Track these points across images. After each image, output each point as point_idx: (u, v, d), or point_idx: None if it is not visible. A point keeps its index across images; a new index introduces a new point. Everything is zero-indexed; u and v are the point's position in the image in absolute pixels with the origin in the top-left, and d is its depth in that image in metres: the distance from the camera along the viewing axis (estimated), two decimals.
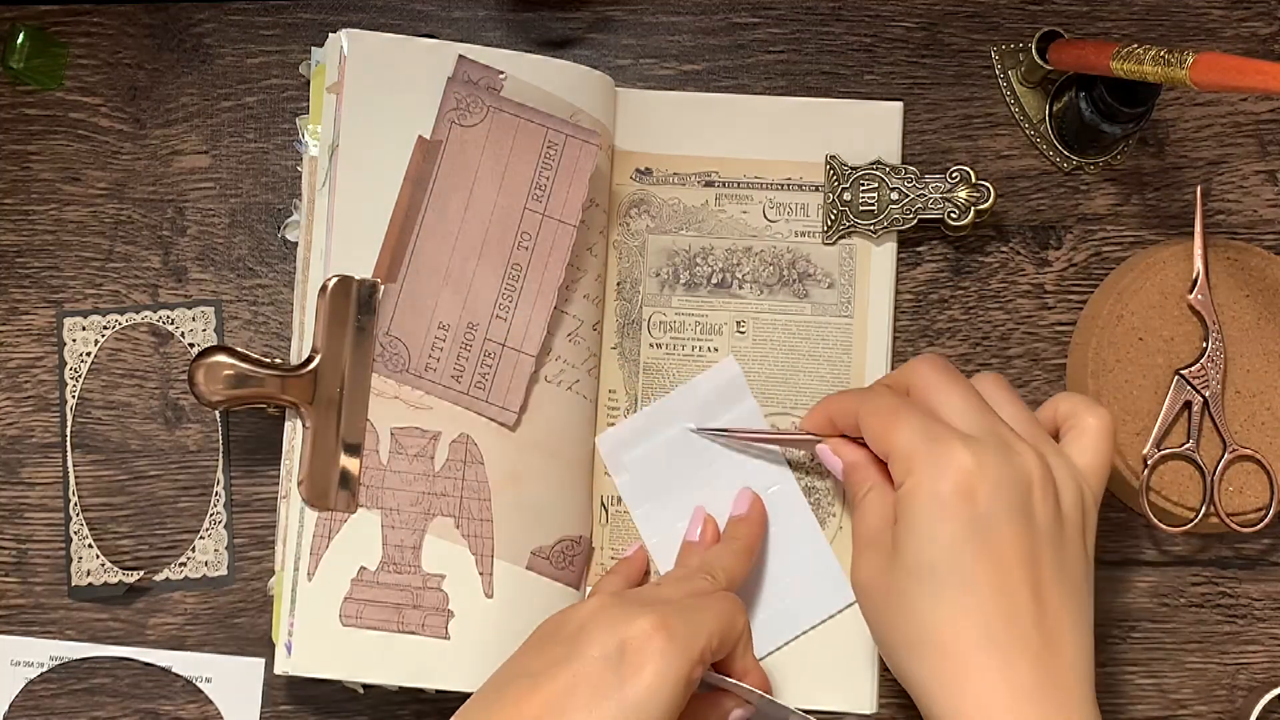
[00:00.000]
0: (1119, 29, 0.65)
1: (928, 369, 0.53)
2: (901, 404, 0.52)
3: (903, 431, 0.50)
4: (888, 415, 0.51)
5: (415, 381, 0.59)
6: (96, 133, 0.65)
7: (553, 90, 0.61)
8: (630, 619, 0.49)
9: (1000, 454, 0.48)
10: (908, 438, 0.50)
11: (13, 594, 0.63)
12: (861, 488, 0.54)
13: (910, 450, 0.49)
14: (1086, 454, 0.51)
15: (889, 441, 0.51)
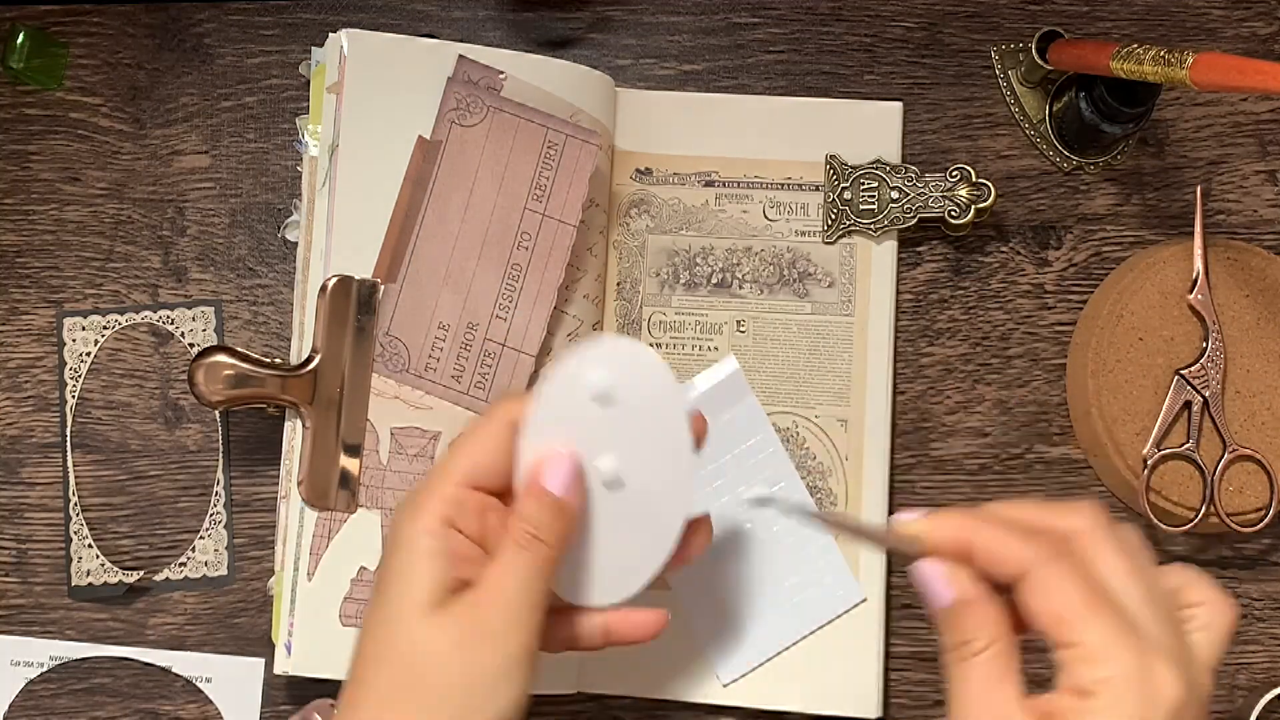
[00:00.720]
0: (1119, 29, 0.65)
1: (1098, 530, 0.43)
2: (1096, 586, 0.42)
3: (1102, 629, 0.40)
4: (1079, 597, 0.41)
5: (415, 381, 0.59)
6: (96, 133, 0.65)
7: (553, 90, 0.61)
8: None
9: (1193, 681, 0.41)
10: (1111, 641, 0.40)
11: (13, 594, 0.63)
12: (979, 639, 0.42)
13: (1114, 658, 0.40)
14: (1211, 650, 0.44)
15: (1080, 634, 0.41)
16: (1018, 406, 0.64)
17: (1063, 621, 0.41)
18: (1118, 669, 0.40)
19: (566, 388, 0.48)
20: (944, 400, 0.64)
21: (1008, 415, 0.64)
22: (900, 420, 0.63)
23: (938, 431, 0.64)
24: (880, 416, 0.62)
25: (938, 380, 0.64)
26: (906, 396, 0.64)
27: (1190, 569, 0.45)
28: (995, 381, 0.64)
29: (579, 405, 0.48)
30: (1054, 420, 0.64)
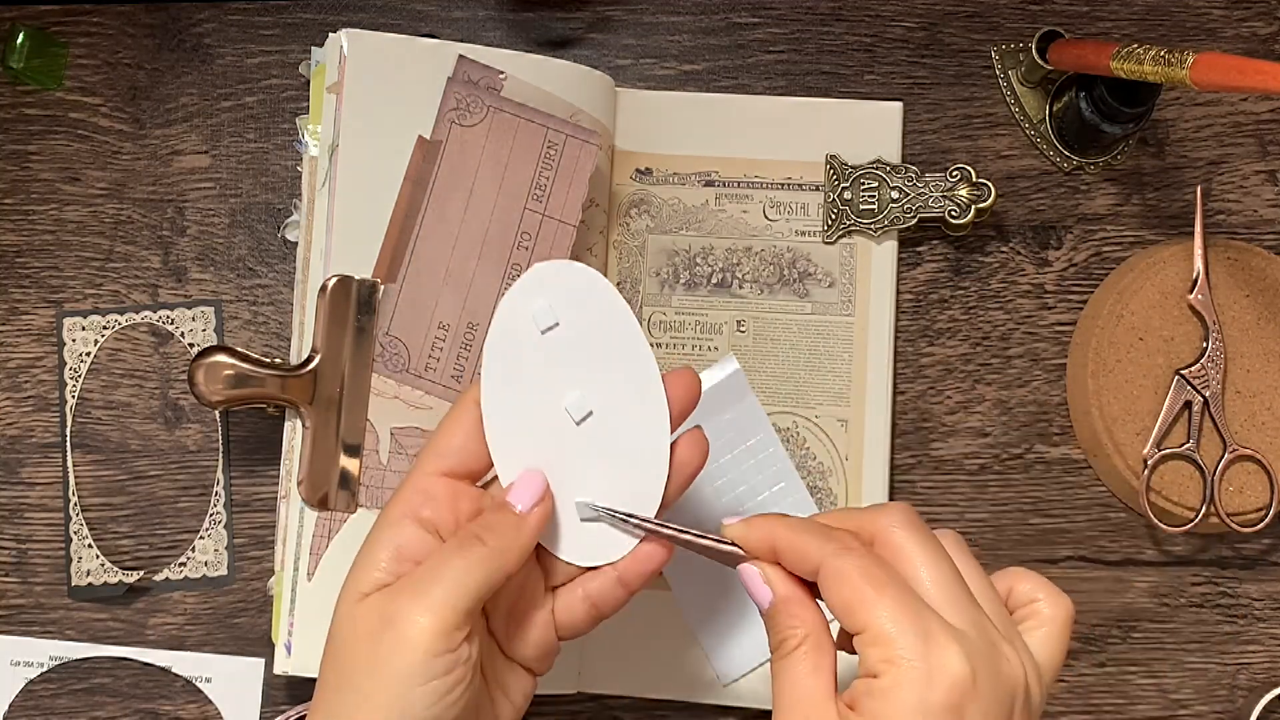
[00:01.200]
0: (1119, 29, 0.65)
1: (902, 526, 0.44)
2: (884, 572, 0.43)
3: (888, 611, 0.42)
4: (866, 583, 0.42)
5: (415, 381, 0.59)
6: (96, 133, 0.65)
7: (553, 90, 0.61)
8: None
9: (991, 662, 0.42)
10: (895, 621, 0.41)
11: (13, 594, 0.63)
12: (792, 635, 0.44)
13: (897, 638, 0.41)
14: (1048, 648, 0.45)
15: (868, 617, 0.42)
16: (1018, 406, 0.64)
17: (851, 608, 0.42)
18: (899, 649, 0.41)
19: (510, 328, 0.47)
20: (944, 400, 0.64)
21: (1008, 415, 0.64)
22: (900, 420, 0.64)
23: (938, 431, 0.64)
24: (880, 417, 0.62)
25: (938, 380, 0.64)
26: (907, 396, 0.64)
27: (1022, 570, 0.46)
28: (995, 381, 0.64)
29: (527, 344, 0.47)
30: (1054, 420, 0.64)
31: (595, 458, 0.47)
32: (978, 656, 0.41)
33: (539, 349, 0.47)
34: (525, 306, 0.47)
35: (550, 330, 0.47)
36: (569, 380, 0.47)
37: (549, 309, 0.47)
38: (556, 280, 0.47)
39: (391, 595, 0.44)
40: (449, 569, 0.44)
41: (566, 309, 0.47)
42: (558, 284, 0.47)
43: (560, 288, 0.47)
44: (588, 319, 0.47)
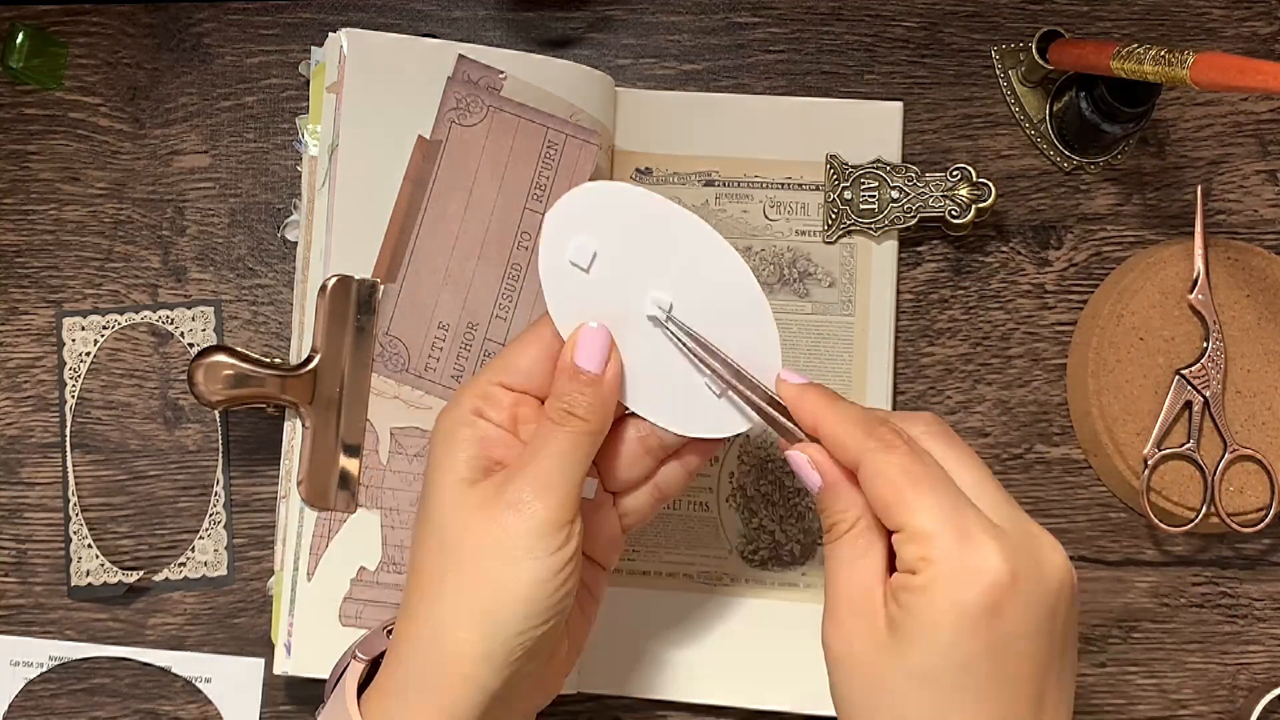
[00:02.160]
0: (1119, 29, 0.65)
1: (937, 430, 0.45)
2: (923, 469, 0.43)
3: (927, 510, 0.42)
4: (906, 481, 0.42)
5: (415, 381, 0.59)
6: (96, 132, 0.65)
7: (553, 90, 0.61)
8: None
9: (1032, 560, 0.42)
10: (933, 519, 0.41)
11: (12, 594, 0.63)
12: (844, 520, 0.45)
13: (935, 536, 0.41)
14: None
15: (905, 516, 0.42)
16: (1018, 406, 0.64)
17: (889, 506, 0.43)
18: (937, 547, 0.41)
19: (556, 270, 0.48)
20: (944, 400, 0.64)
21: (1008, 415, 0.64)
22: None
23: None
24: None
25: (938, 380, 0.64)
26: (907, 396, 0.64)
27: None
28: (996, 381, 0.64)
29: (577, 279, 0.48)
30: (1054, 420, 0.64)
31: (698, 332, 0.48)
32: (1019, 555, 0.41)
33: (593, 277, 0.48)
34: (560, 249, 0.48)
35: (595, 262, 0.48)
36: (645, 283, 0.48)
37: (584, 245, 0.48)
38: (587, 209, 0.48)
39: (506, 479, 0.46)
40: (553, 449, 0.46)
41: (607, 230, 0.48)
42: (589, 213, 0.48)
43: (593, 213, 0.48)
44: (636, 230, 0.48)
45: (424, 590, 0.46)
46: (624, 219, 0.48)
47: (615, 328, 0.48)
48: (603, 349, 0.47)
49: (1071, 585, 0.43)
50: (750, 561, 0.62)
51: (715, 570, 0.62)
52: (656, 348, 0.49)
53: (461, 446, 0.47)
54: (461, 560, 0.45)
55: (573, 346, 0.47)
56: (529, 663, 0.45)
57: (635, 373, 0.49)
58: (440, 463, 0.47)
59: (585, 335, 0.47)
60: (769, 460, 0.62)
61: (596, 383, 0.47)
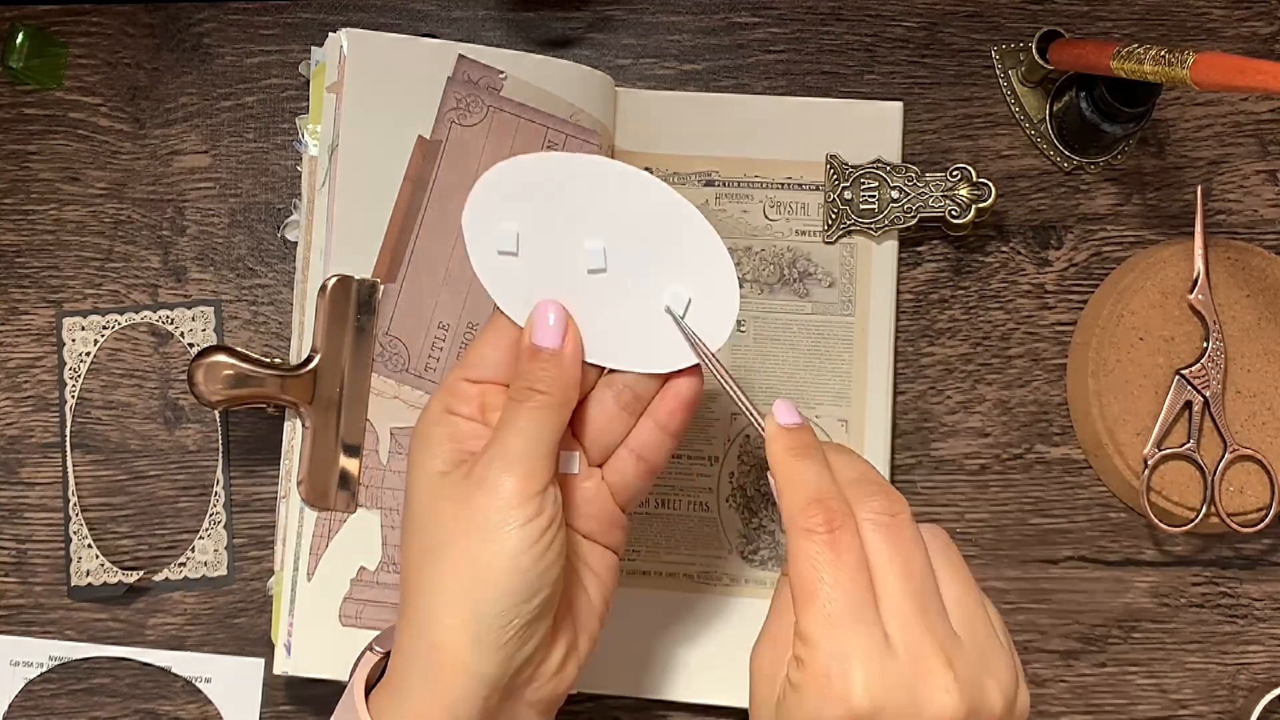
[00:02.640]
0: (1119, 29, 0.65)
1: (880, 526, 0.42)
2: (832, 573, 0.41)
3: (814, 615, 0.41)
4: (810, 575, 0.41)
5: (415, 381, 0.59)
6: (96, 132, 0.65)
7: (553, 90, 0.60)
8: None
9: (911, 695, 0.40)
10: (816, 626, 0.41)
11: (12, 594, 0.63)
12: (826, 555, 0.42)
13: (814, 644, 0.41)
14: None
15: (799, 609, 0.42)
16: (1018, 406, 0.64)
17: (795, 593, 0.42)
18: (810, 657, 0.41)
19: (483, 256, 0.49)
20: (944, 400, 0.64)
21: (1008, 415, 0.64)
22: (901, 420, 0.63)
23: (938, 431, 0.64)
24: (881, 416, 0.62)
25: (938, 380, 0.64)
26: (907, 396, 0.64)
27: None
28: (996, 381, 0.64)
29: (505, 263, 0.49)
30: (1054, 420, 0.64)
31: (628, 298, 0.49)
32: (893, 689, 0.40)
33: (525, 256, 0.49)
34: (485, 245, 0.49)
35: (520, 242, 0.49)
36: (574, 243, 0.49)
37: (505, 232, 0.49)
38: (495, 196, 0.49)
39: (472, 463, 0.46)
40: (517, 426, 0.46)
41: (521, 207, 0.49)
42: (499, 199, 0.49)
43: (503, 197, 0.49)
44: (548, 195, 0.48)
45: (411, 584, 0.47)
46: (532, 191, 0.48)
47: (562, 293, 0.49)
48: (558, 323, 0.48)
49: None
50: (750, 561, 0.62)
51: (715, 570, 0.62)
52: (605, 295, 0.49)
53: (435, 443, 0.48)
54: (439, 547, 0.46)
55: (530, 329, 0.48)
56: (523, 645, 0.45)
57: (590, 326, 0.49)
58: (417, 461, 0.48)
59: (539, 314, 0.48)
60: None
61: (557, 357, 0.48)
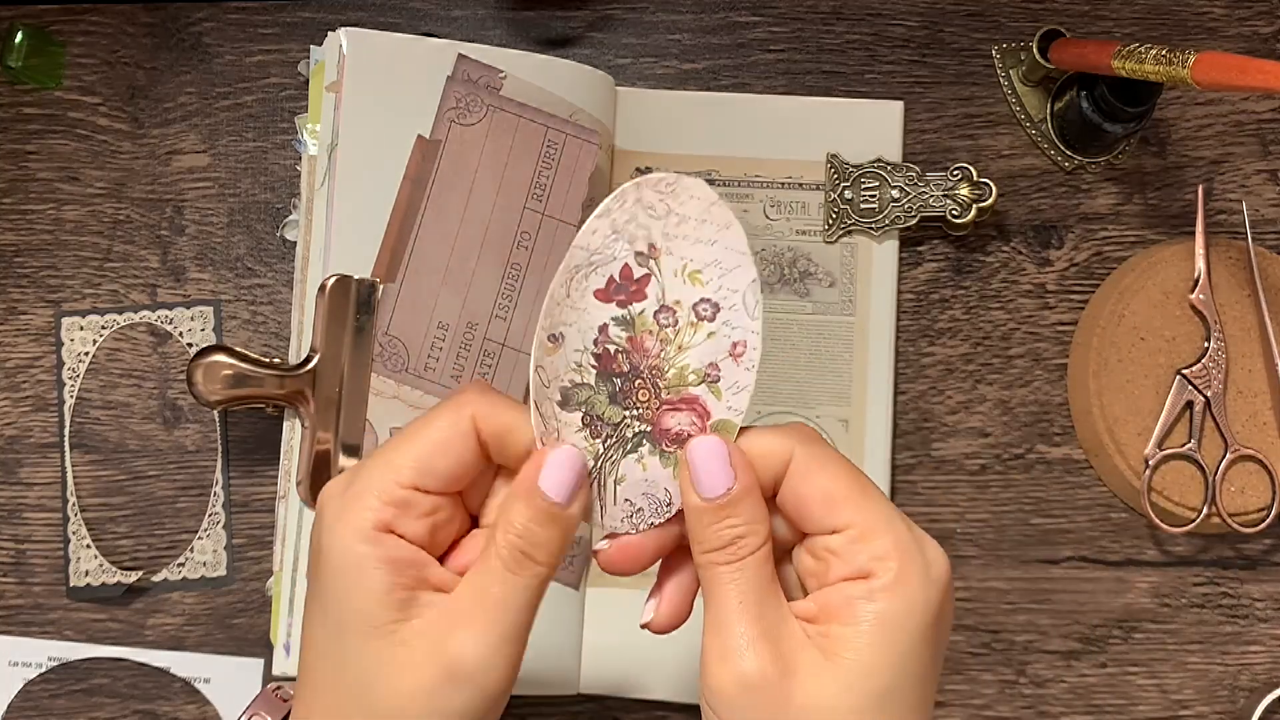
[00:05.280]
0: (1120, 28, 0.65)
1: (815, 436, 0.40)
2: (862, 473, 0.39)
3: (875, 508, 0.38)
4: (849, 478, 0.38)
5: (414, 381, 0.59)
6: (95, 132, 0.65)
7: (552, 89, 0.60)
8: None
9: (940, 555, 0.39)
10: (883, 518, 0.38)
11: (11, 594, 0.62)
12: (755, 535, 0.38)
13: (888, 533, 0.37)
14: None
15: (853, 512, 0.38)
16: (1019, 406, 0.64)
17: (834, 502, 0.38)
18: (893, 545, 0.37)
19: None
20: (945, 400, 0.64)
21: (1009, 415, 0.64)
22: (901, 420, 0.63)
23: (939, 431, 0.63)
24: (881, 416, 0.62)
25: (939, 380, 0.64)
26: (907, 396, 0.64)
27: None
28: (996, 381, 0.64)
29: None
30: (1055, 420, 0.64)
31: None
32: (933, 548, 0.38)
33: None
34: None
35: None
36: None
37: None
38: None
39: (444, 634, 0.38)
40: (513, 601, 0.38)
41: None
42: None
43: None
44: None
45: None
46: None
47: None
48: (574, 474, 0.39)
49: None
50: None
51: None
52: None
53: (371, 578, 0.37)
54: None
55: (538, 465, 0.39)
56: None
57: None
58: (343, 591, 0.38)
59: (558, 455, 0.39)
60: None
61: (559, 517, 0.39)
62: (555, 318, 0.41)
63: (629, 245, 0.41)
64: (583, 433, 0.41)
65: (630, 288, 0.41)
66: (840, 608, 0.37)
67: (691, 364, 0.41)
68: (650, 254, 0.41)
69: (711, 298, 0.41)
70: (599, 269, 0.41)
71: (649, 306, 0.41)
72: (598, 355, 0.41)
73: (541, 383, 0.41)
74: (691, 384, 0.41)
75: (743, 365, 0.41)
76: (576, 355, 0.41)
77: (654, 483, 0.41)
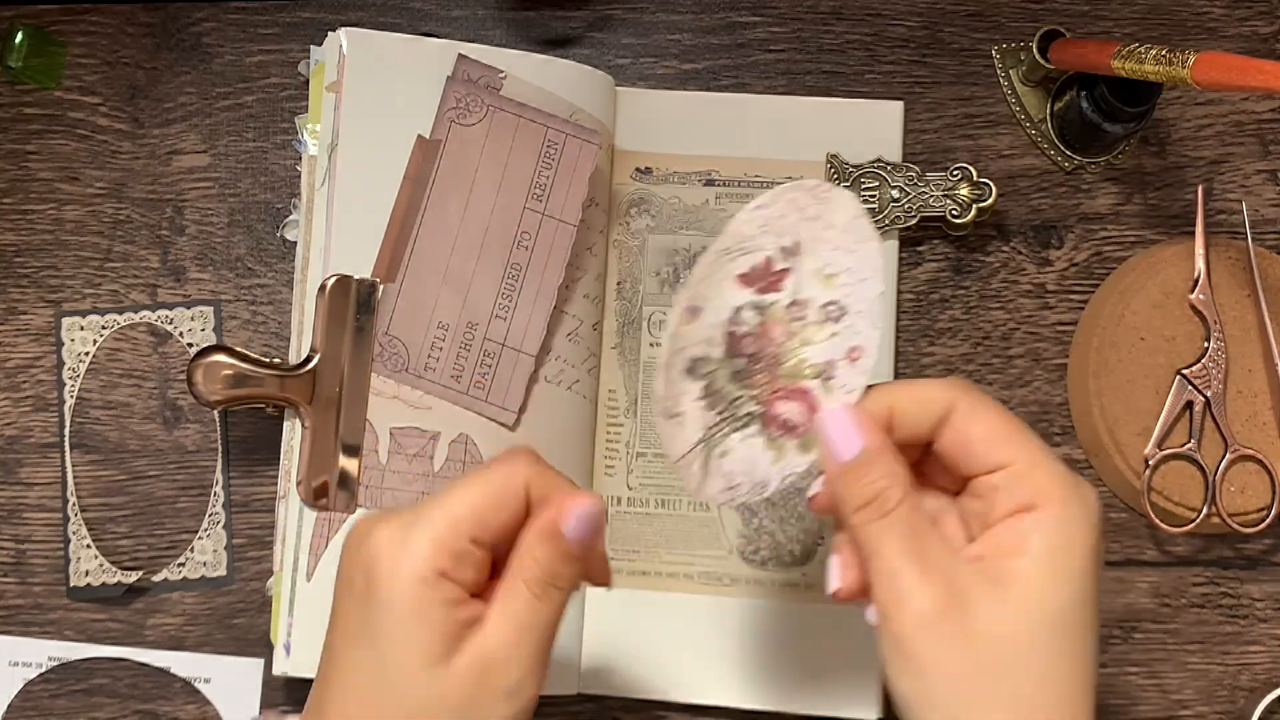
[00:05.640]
0: (1120, 28, 0.65)
1: (972, 385, 0.44)
2: (1018, 417, 0.43)
3: (1035, 445, 0.41)
4: (1008, 420, 0.42)
5: (415, 381, 0.59)
6: (95, 132, 0.65)
7: (552, 89, 0.60)
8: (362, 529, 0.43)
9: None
10: (1043, 455, 0.41)
11: (11, 594, 0.62)
12: (889, 491, 0.41)
13: (1048, 469, 0.41)
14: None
15: (1013, 451, 0.41)
16: (1019, 406, 0.64)
17: (996, 440, 0.41)
18: (1054, 480, 0.40)
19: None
20: None
21: None
22: None
23: None
24: None
25: None
26: None
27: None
28: (996, 381, 0.64)
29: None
30: (1055, 420, 0.64)
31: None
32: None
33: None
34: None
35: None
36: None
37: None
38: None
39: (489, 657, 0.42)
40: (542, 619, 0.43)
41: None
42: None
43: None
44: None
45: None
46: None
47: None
48: (594, 527, 0.43)
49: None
50: (750, 561, 0.62)
51: (715, 570, 0.62)
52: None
53: (432, 617, 0.41)
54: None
55: (562, 512, 0.43)
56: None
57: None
58: (400, 628, 0.41)
59: (579, 506, 0.43)
60: None
61: (578, 558, 0.43)
62: (697, 291, 0.44)
63: (776, 239, 0.44)
64: (700, 402, 0.44)
65: (769, 278, 0.45)
66: (1008, 542, 0.40)
67: (810, 358, 0.45)
68: (794, 251, 0.45)
69: (841, 300, 0.45)
70: (744, 255, 0.45)
71: (783, 298, 0.45)
72: (729, 334, 0.45)
73: (673, 349, 0.44)
74: (807, 376, 0.45)
75: (858, 369, 0.44)
76: (710, 330, 0.44)
77: (755, 464, 0.45)
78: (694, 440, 0.45)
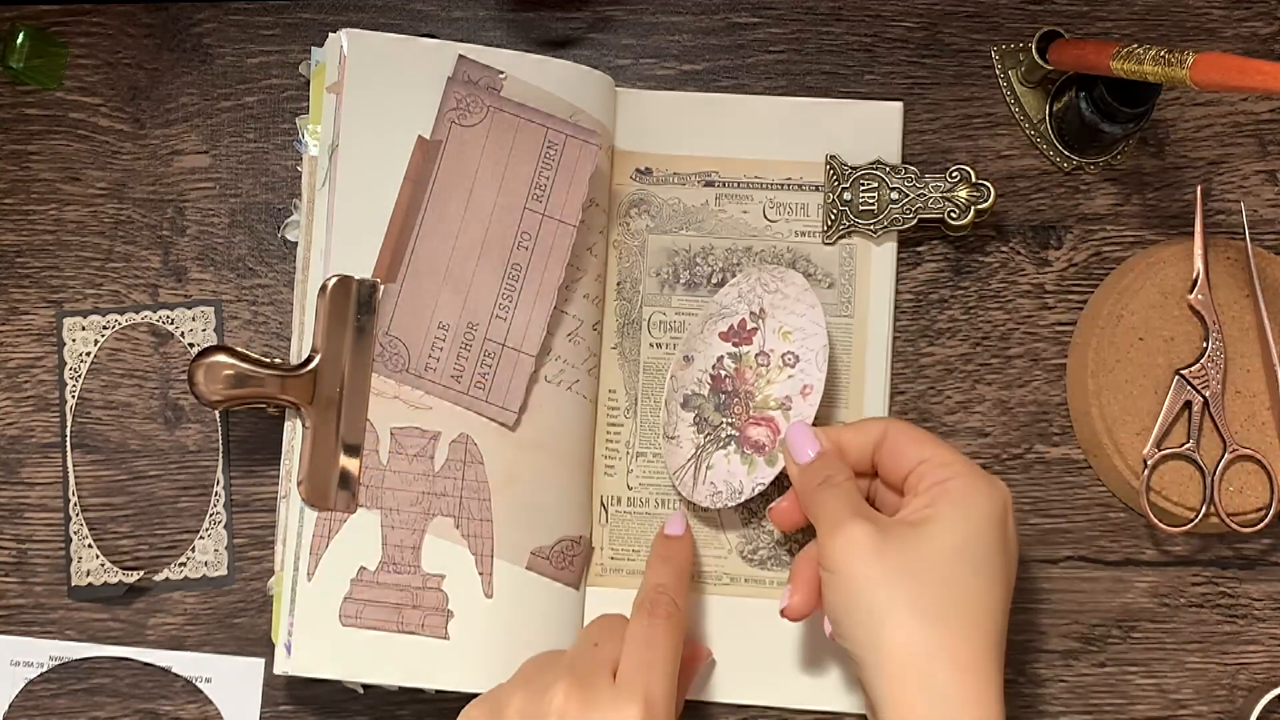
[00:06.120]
0: (1119, 29, 0.65)
1: (903, 420, 0.58)
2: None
3: (949, 448, 0.54)
4: (927, 435, 0.55)
5: (415, 381, 0.59)
6: (96, 132, 0.65)
7: (553, 90, 0.61)
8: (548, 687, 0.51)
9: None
10: (955, 454, 0.53)
11: (12, 594, 0.63)
12: (835, 474, 0.54)
13: (959, 460, 0.53)
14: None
15: (931, 450, 0.53)
16: (1018, 406, 0.64)
17: (921, 444, 0.54)
18: (964, 464, 0.53)
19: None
20: (944, 400, 0.64)
21: (1008, 415, 0.64)
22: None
23: (938, 431, 0.63)
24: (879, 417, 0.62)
25: (938, 380, 0.64)
26: (907, 396, 0.64)
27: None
28: (995, 381, 0.64)
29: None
30: (1054, 420, 0.64)
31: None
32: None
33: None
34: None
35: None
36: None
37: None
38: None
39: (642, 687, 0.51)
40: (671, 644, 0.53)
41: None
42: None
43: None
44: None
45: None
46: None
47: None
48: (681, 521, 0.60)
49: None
50: (750, 561, 0.62)
51: (715, 570, 0.62)
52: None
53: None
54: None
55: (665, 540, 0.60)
56: None
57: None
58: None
59: (674, 516, 0.60)
60: None
61: (685, 540, 0.60)
62: (691, 344, 0.61)
63: (748, 306, 0.60)
64: (692, 427, 0.60)
65: (743, 334, 0.60)
66: (924, 503, 0.52)
67: (773, 394, 0.59)
68: (760, 315, 0.60)
69: (795, 351, 0.59)
70: (725, 318, 0.61)
71: (753, 350, 0.60)
72: (713, 376, 0.60)
73: (673, 388, 0.61)
74: (772, 408, 0.59)
75: (808, 402, 0.58)
76: (699, 374, 0.61)
77: (734, 474, 0.59)
78: (687, 456, 0.60)
